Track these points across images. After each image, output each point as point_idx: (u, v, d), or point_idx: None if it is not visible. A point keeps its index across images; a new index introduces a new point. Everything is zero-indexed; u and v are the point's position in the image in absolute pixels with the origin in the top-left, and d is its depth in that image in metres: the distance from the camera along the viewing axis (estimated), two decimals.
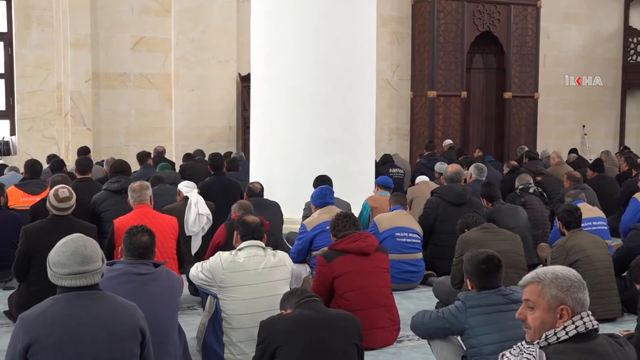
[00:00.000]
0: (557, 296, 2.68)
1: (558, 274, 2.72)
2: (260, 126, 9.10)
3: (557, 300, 2.68)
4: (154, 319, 3.65)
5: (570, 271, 2.75)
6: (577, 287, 2.69)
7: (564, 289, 2.68)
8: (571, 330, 2.63)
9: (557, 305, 2.68)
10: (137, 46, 13.39)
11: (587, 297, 2.70)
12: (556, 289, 2.69)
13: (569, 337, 2.63)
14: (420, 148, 14.15)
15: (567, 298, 2.67)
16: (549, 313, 2.69)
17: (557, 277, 2.71)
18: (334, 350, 3.51)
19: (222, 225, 5.90)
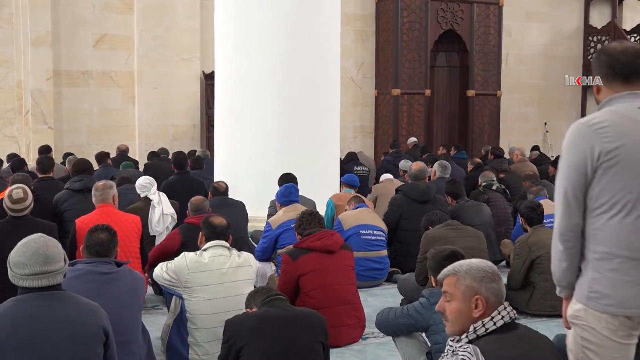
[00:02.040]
0: (472, 286, 2.70)
1: (472, 266, 2.74)
2: (224, 124, 9.06)
3: (472, 290, 2.70)
4: (117, 319, 3.62)
5: (484, 262, 2.76)
6: (491, 278, 2.70)
7: (478, 279, 2.70)
8: (498, 320, 2.68)
9: (471, 295, 2.70)
10: (99, 43, 13.26)
11: (503, 288, 2.73)
12: (470, 280, 2.70)
13: (496, 327, 2.67)
14: (385, 146, 14.21)
15: (481, 288, 2.70)
16: (465, 303, 2.71)
17: (471, 269, 2.73)
18: (299, 348, 3.51)
19: (176, 230, 5.80)
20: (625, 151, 2.55)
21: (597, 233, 2.64)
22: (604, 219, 2.62)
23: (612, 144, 2.55)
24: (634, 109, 2.60)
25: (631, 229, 2.58)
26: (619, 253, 2.60)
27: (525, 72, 16.87)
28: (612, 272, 2.61)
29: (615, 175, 2.57)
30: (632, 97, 2.62)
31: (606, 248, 2.62)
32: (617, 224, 2.60)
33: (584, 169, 2.60)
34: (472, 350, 2.58)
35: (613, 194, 2.59)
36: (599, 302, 2.63)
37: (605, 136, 2.56)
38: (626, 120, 2.58)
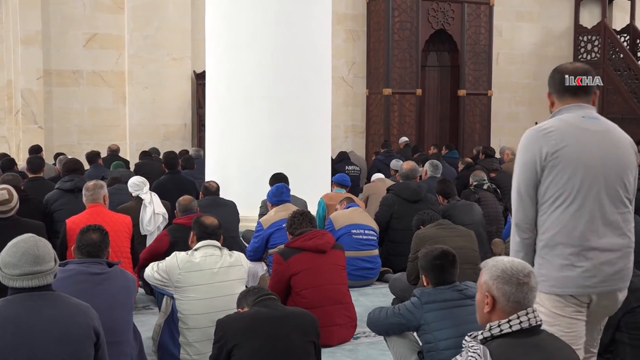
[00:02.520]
0: (486, 282, 2.70)
1: (498, 263, 2.72)
2: (215, 124, 9.05)
3: (486, 286, 2.71)
4: (109, 319, 3.61)
5: (515, 264, 2.69)
6: (505, 280, 2.65)
7: (493, 277, 2.68)
8: (515, 324, 2.65)
9: (485, 290, 2.71)
10: (89, 43, 13.21)
11: (524, 294, 2.64)
12: (487, 276, 2.70)
13: (512, 331, 2.66)
14: (376, 145, 14.22)
15: (493, 287, 2.68)
16: (481, 296, 2.73)
17: (494, 266, 2.71)
18: (291, 347, 3.51)
19: (164, 232, 5.78)
20: (567, 152, 3.00)
21: (543, 223, 3.05)
22: (549, 211, 3.04)
23: (557, 146, 3.01)
24: (578, 117, 3.08)
25: (570, 219, 3.00)
26: (560, 240, 3.01)
27: (516, 71, 16.91)
28: (554, 257, 3.02)
29: (559, 172, 3.01)
30: (577, 108, 3.11)
31: (550, 236, 3.03)
32: (559, 215, 3.01)
33: (534, 167, 3.04)
34: (482, 351, 2.59)
35: (557, 189, 3.01)
36: (545, 285, 3.01)
37: (551, 139, 3.02)
38: (570, 126, 3.05)
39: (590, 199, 3.01)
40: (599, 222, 3.02)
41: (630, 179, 3.11)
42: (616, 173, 3.07)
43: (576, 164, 3.00)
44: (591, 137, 3.05)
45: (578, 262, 3.01)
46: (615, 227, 3.06)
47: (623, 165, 3.10)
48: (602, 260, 3.02)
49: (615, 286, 3.08)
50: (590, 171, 3.02)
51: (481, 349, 2.60)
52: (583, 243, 3.00)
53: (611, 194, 3.05)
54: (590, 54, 17.15)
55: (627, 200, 3.12)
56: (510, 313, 2.68)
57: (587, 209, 3.00)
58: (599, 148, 3.05)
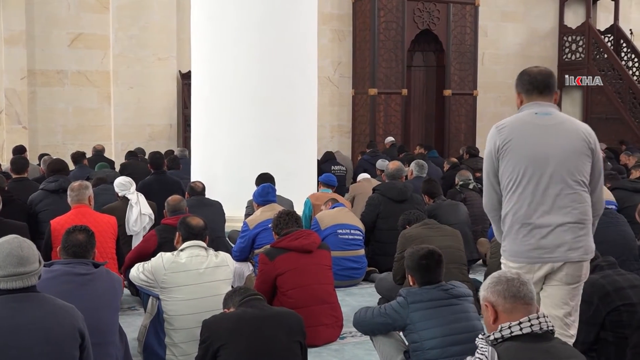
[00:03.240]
0: (482, 296, 2.81)
1: (487, 279, 2.85)
2: (201, 124, 9.03)
3: (483, 299, 2.81)
4: (94, 321, 3.59)
5: (499, 272, 2.85)
6: (496, 282, 2.78)
7: (485, 287, 2.81)
8: (525, 327, 2.64)
9: (484, 303, 2.80)
10: (74, 43, 13.15)
11: (524, 290, 2.73)
12: (482, 291, 2.83)
13: (522, 334, 2.65)
14: (362, 145, 14.24)
15: (488, 295, 2.77)
16: (484, 311, 2.81)
17: (486, 281, 2.84)
18: (277, 348, 3.51)
19: (152, 232, 5.75)
20: (513, 144, 3.52)
21: (504, 205, 3.60)
22: (506, 194, 3.57)
23: (505, 140, 3.54)
24: (532, 114, 3.57)
25: (516, 201, 3.52)
26: (509, 218, 3.56)
27: (501, 71, 16.97)
28: (507, 233, 3.58)
29: (508, 161, 3.53)
30: (535, 105, 3.59)
31: (505, 215, 3.58)
32: (509, 198, 3.55)
33: (492, 158, 3.60)
34: (490, 353, 2.59)
35: (507, 175, 3.54)
36: (505, 253, 3.63)
37: (502, 134, 3.56)
38: (521, 122, 3.58)
39: (533, 182, 3.49)
40: (544, 202, 3.49)
41: (577, 165, 3.53)
42: (564, 159, 3.51)
43: (519, 154, 3.50)
44: (539, 131, 3.54)
45: (524, 236, 3.51)
46: (562, 206, 3.49)
47: (571, 152, 3.53)
48: (545, 235, 3.48)
49: (564, 257, 3.50)
50: (533, 159, 3.49)
51: (489, 350, 2.59)
52: (526, 220, 3.50)
53: (559, 177, 3.49)
54: (575, 54, 17.26)
55: (576, 182, 3.52)
56: (512, 311, 2.68)
57: (529, 191, 3.49)
58: (546, 139, 3.52)
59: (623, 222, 6.20)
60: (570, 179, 3.51)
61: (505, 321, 2.68)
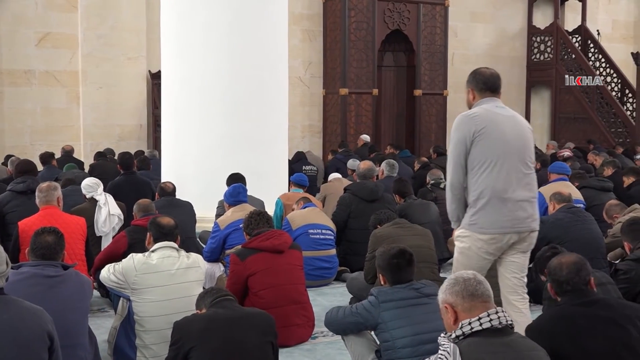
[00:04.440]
0: (441, 298, 2.89)
1: (444, 282, 2.92)
2: (171, 124, 8.98)
3: (442, 301, 2.88)
4: (63, 323, 3.56)
5: (455, 274, 2.94)
6: (452, 284, 2.86)
7: (443, 290, 2.89)
8: (485, 322, 2.69)
9: (443, 305, 2.86)
10: (42, 42, 13.01)
11: (481, 289, 2.84)
12: (440, 294, 2.91)
13: (482, 328, 2.68)
14: (333, 145, 14.25)
15: (446, 296, 2.84)
16: (443, 312, 2.87)
17: (442, 285, 2.92)
18: (248, 348, 3.50)
19: (123, 233, 5.69)
20: (488, 130, 4.04)
21: (474, 183, 4.04)
22: (478, 174, 4.04)
23: (480, 126, 4.04)
24: (494, 106, 4.16)
25: (493, 178, 4.01)
26: (485, 194, 4.01)
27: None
28: (482, 207, 4.03)
29: (482, 145, 4.03)
30: (492, 100, 4.20)
31: (480, 191, 4.03)
32: (485, 176, 4.02)
33: (465, 142, 4.05)
34: (451, 349, 2.62)
35: (482, 157, 4.03)
36: (475, 227, 4.07)
37: (477, 121, 4.06)
38: (489, 112, 4.11)
39: (506, 163, 4.03)
40: (514, 180, 4.05)
41: (531, 150, 4.20)
42: (523, 145, 4.14)
43: (494, 139, 4.04)
44: (504, 120, 4.13)
45: (500, 209, 4.02)
46: (525, 184, 4.10)
47: (526, 139, 4.19)
48: (517, 207, 4.05)
49: (529, 227, 4.14)
50: (505, 144, 4.05)
51: (451, 347, 2.62)
52: (503, 195, 4.01)
53: (520, 160, 4.10)
54: (543, 54, 17.43)
55: (532, 163, 4.19)
56: (471, 310, 2.72)
57: (504, 170, 4.03)
58: (510, 128, 4.12)
59: (591, 220, 6.28)
60: (529, 162, 4.17)
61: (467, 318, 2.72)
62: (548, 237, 5.94)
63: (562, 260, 3.51)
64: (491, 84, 4.24)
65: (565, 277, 3.41)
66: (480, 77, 4.26)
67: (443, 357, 2.63)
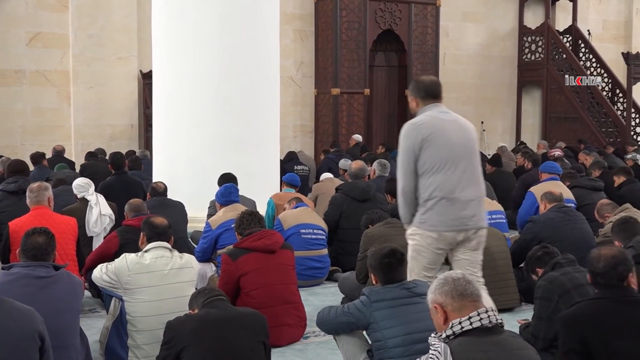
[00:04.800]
0: (430, 299, 2.89)
1: (432, 282, 2.93)
2: (163, 124, 8.96)
3: (431, 301, 2.88)
4: (55, 324, 3.55)
5: (443, 275, 2.93)
6: (442, 284, 2.87)
7: (432, 290, 2.89)
8: (475, 321, 2.70)
9: (432, 305, 2.87)
10: (32, 42, 12.96)
11: (471, 289, 2.84)
12: (429, 294, 2.91)
13: (472, 328, 2.69)
14: (325, 145, 14.25)
15: (436, 296, 2.85)
16: (433, 313, 2.88)
17: (431, 285, 2.92)
18: (240, 348, 3.50)
19: (114, 233, 5.68)
20: (434, 136, 4.28)
21: (424, 185, 4.27)
22: (428, 177, 4.26)
23: (427, 133, 4.29)
24: (437, 112, 4.39)
25: (441, 180, 4.24)
26: (435, 194, 4.24)
27: (462, 71, 17.11)
28: (431, 207, 4.26)
29: (430, 151, 4.26)
30: (435, 107, 4.42)
31: (429, 193, 4.26)
32: (435, 178, 4.25)
33: (414, 149, 4.29)
34: (442, 349, 2.63)
35: (431, 161, 4.25)
36: (424, 225, 4.30)
37: (423, 129, 4.30)
38: (433, 119, 4.35)
39: (453, 166, 4.26)
40: (461, 181, 4.27)
41: (476, 150, 4.46)
42: (469, 146, 4.39)
43: (441, 144, 4.27)
44: (448, 125, 4.36)
45: (448, 209, 4.24)
46: (472, 183, 4.33)
47: (471, 141, 4.43)
48: (463, 207, 4.27)
49: (475, 225, 4.35)
50: (451, 147, 4.29)
51: (442, 346, 2.63)
52: (450, 195, 4.24)
53: (466, 161, 4.33)
54: (534, 54, 17.47)
55: (478, 164, 4.43)
56: (461, 309, 2.72)
57: (451, 172, 4.26)
58: (454, 131, 4.36)
59: (582, 219, 6.30)
60: (475, 162, 4.41)
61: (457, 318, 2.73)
62: (539, 236, 5.97)
63: (602, 252, 3.50)
64: (432, 91, 4.47)
65: (601, 269, 3.42)
66: (421, 85, 4.49)
67: (434, 357, 2.64)
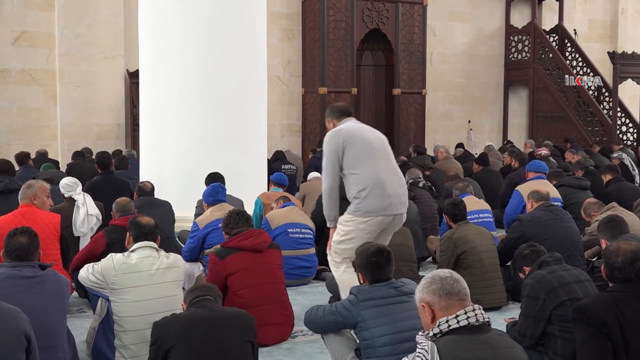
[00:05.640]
0: (418, 297, 2.89)
1: (420, 281, 2.93)
2: (149, 123, 8.93)
3: (419, 300, 2.88)
4: (41, 324, 3.53)
5: (431, 274, 2.93)
6: (429, 282, 2.86)
7: (420, 289, 2.89)
8: (462, 319, 2.70)
9: (420, 303, 2.87)
10: (18, 41, 12.89)
11: (457, 287, 2.84)
12: (417, 293, 2.91)
13: (459, 326, 2.70)
14: (312, 144, 14.25)
15: (423, 295, 2.85)
16: (421, 311, 2.88)
17: (419, 284, 2.92)
18: (228, 348, 3.50)
19: (101, 233, 5.65)
20: (354, 138, 4.89)
21: (354, 181, 4.82)
22: (354, 173, 4.82)
23: (347, 137, 4.88)
24: (353, 123, 5.08)
25: (370, 173, 4.80)
26: (368, 184, 4.78)
27: (449, 70, 17.16)
28: (365, 197, 4.77)
29: (351, 153, 4.84)
30: (350, 120, 5.09)
31: (362, 185, 4.79)
32: (362, 173, 4.80)
33: (337, 151, 4.86)
34: (429, 347, 2.63)
35: (352, 162, 4.83)
36: (358, 212, 4.80)
37: (343, 134, 4.91)
38: (351, 126, 5.01)
39: (377, 160, 4.87)
40: (388, 173, 4.87)
41: (392, 153, 5.10)
42: (386, 147, 5.04)
43: (361, 143, 4.88)
44: (363, 129, 5.03)
45: (378, 196, 4.78)
46: (394, 175, 4.94)
47: (386, 143, 5.08)
48: (390, 194, 4.82)
49: (400, 211, 4.92)
50: (371, 146, 4.90)
51: (429, 345, 2.64)
52: (381, 186, 4.78)
53: (387, 159, 4.97)
54: (521, 53, 17.53)
55: (393, 158, 5.06)
56: (448, 308, 2.73)
57: (378, 166, 4.85)
58: (370, 133, 5.02)
59: (568, 218, 6.33)
60: (392, 157, 5.06)
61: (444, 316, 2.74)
62: (526, 235, 5.99)
63: (621, 246, 3.50)
64: (345, 110, 5.17)
65: (620, 264, 3.44)
66: (335, 108, 5.19)
67: (421, 355, 2.65)
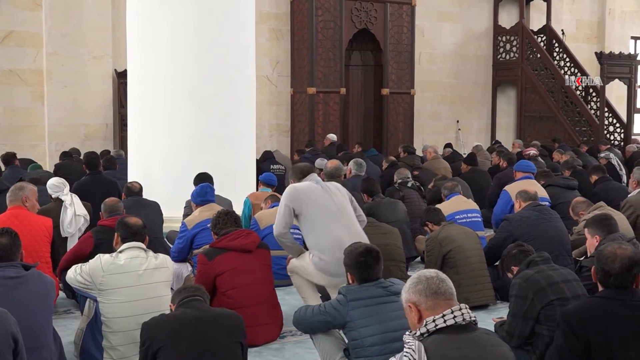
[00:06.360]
0: (404, 298, 2.89)
1: (407, 281, 2.92)
2: (138, 123, 8.91)
3: (405, 300, 2.88)
4: (28, 324, 3.52)
5: (421, 272, 2.93)
6: (416, 282, 2.87)
7: (406, 289, 2.89)
8: (449, 319, 2.71)
9: (406, 304, 2.87)
10: (5, 41, 12.82)
11: (444, 287, 2.84)
12: (403, 294, 2.91)
13: (446, 325, 2.71)
14: (301, 144, 14.26)
15: (410, 295, 2.85)
16: (407, 312, 2.88)
17: (405, 285, 2.92)
18: (217, 349, 3.49)
19: (89, 233, 5.62)
20: (306, 201, 5.24)
21: (315, 236, 5.22)
22: (313, 229, 5.22)
23: (299, 196, 5.25)
24: (310, 182, 5.38)
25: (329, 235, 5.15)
26: (326, 247, 5.11)
27: (438, 71, 17.19)
28: (323, 258, 5.11)
29: (306, 213, 5.21)
30: (310, 179, 5.39)
31: (322, 244, 5.12)
32: (321, 232, 5.19)
33: (291, 206, 5.24)
34: (417, 347, 2.63)
35: (315, 217, 5.18)
36: (318, 265, 5.16)
37: (299, 192, 5.28)
38: (308, 186, 5.33)
39: (336, 220, 5.20)
40: (348, 233, 5.07)
41: (351, 210, 5.38)
42: (345, 205, 5.32)
43: (315, 207, 5.22)
44: (320, 189, 5.32)
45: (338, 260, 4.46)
46: (357, 238, 4.88)
47: (346, 201, 5.36)
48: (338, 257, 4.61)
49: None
50: (325, 208, 5.20)
51: (416, 344, 2.64)
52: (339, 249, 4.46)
53: (347, 217, 5.28)
54: (509, 53, 17.59)
55: (355, 220, 5.34)
56: (435, 308, 2.73)
57: (338, 226, 5.18)
58: (323, 193, 5.29)
59: (556, 218, 6.35)
60: (354, 219, 5.33)
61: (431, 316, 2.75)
62: (514, 234, 6.01)
63: (618, 251, 3.40)
64: (307, 171, 5.52)
65: (617, 270, 3.36)
66: (297, 169, 5.59)
67: (409, 355, 2.65)
